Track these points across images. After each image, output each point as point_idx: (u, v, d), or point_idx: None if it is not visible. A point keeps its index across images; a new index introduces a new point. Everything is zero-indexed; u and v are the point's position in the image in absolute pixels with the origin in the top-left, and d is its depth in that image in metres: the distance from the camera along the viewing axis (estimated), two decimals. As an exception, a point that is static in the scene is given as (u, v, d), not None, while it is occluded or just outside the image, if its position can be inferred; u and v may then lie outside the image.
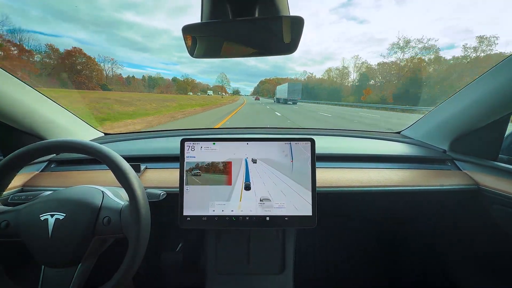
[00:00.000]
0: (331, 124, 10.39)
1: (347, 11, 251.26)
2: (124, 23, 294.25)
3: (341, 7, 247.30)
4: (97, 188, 0.63)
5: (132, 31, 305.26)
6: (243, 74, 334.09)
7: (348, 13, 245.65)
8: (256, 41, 0.66)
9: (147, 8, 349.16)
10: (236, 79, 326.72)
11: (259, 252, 0.97)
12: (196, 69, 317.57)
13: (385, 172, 0.92)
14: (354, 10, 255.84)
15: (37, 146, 0.57)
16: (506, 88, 0.75)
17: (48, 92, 0.94)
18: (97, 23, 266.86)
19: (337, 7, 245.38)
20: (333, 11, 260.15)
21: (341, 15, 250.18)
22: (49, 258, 0.54)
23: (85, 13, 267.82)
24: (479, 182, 0.88)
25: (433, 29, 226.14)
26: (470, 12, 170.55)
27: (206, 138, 0.74)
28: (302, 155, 0.73)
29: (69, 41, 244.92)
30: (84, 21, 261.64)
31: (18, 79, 0.82)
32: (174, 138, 1.24)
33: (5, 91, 0.77)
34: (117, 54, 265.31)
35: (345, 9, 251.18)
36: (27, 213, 0.56)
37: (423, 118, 1.17)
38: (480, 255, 1.01)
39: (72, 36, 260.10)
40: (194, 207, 0.71)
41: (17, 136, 0.89)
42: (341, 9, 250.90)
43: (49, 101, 0.96)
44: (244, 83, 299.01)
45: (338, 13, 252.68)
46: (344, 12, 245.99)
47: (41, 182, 0.87)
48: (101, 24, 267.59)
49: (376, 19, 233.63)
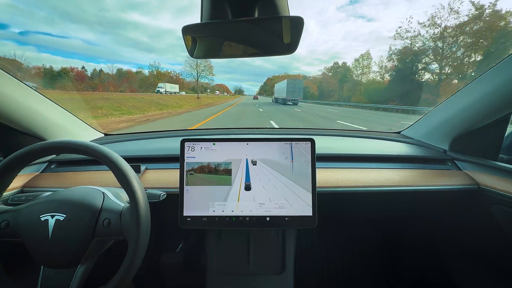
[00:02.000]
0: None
1: (355, 8, 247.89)
2: (130, 23, 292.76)
3: (349, 5, 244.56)
4: (97, 189, 0.63)
5: (138, 31, 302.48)
6: (249, 74, 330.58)
7: (355, 11, 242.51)
8: (256, 41, 0.66)
9: (151, 8, 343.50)
10: (243, 79, 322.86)
11: (259, 252, 0.97)
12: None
13: (385, 172, 0.92)
14: (362, 7, 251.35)
15: (37, 147, 0.57)
16: (506, 88, 0.74)
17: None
18: (103, 23, 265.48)
19: (345, 4, 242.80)
20: (340, 9, 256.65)
21: (348, 13, 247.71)
22: (48, 259, 0.54)
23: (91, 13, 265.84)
24: (479, 182, 0.88)
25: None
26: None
27: (206, 139, 0.74)
28: (302, 155, 0.73)
29: (77, 42, 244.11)
30: (91, 22, 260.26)
31: (18, 80, 0.82)
32: (174, 139, 1.24)
33: (5, 92, 0.77)
34: (124, 55, 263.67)
35: (353, 6, 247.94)
36: (27, 213, 0.55)
37: (423, 118, 1.17)
38: (480, 254, 1.01)
39: (80, 37, 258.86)
40: (194, 208, 0.71)
41: (17, 137, 0.89)
42: (348, 7, 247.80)
43: (49, 102, 0.96)
44: (251, 83, 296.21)
45: (346, 11, 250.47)
46: (352, 10, 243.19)
47: (41, 183, 0.87)
48: (107, 24, 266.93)
49: (385, 17, 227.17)
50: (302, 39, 0.60)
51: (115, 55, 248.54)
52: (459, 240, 1.09)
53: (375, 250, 1.38)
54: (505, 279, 0.91)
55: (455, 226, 1.09)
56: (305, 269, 1.33)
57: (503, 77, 0.75)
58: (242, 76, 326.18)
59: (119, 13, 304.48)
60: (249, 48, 0.67)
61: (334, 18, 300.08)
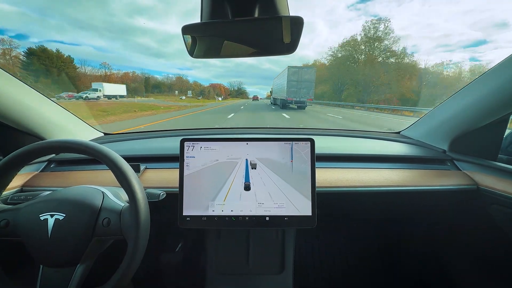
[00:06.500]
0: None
1: (366, 7, 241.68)
2: (138, 28, 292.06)
3: (360, 3, 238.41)
4: (97, 189, 0.63)
5: (147, 36, 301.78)
6: (258, 78, 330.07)
7: (367, 9, 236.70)
8: (256, 41, 0.66)
9: (158, 13, 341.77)
10: (251, 82, 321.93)
11: (258, 252, 0.97)
12: (210, 73, 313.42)
13: (384, 172, 0.92)
14: (374, 6, 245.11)
15: (37, 146, 0.57)
16: (506, 88, 0.75)
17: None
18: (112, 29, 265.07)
19: (355, 2, 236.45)
20: (351, 7, 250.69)
21: (360, 12, 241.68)
22: (47, 258, 0.54)
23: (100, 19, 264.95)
24: (478, 182, 0.88)
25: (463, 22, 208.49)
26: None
27: (206, 138, 0.74)
28: (301, 155, 0.73)
29: (89, 49, 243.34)
30: (100, 28, 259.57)
31: (18, 79, 0.82)
32: (173, 138, 1.24)
33: (5, 91, 0.77)
34: (134, 60, 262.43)
35: (364, 5, 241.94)
36: (27, 213, 0.55)
37: (423, 118, 1.17)
38: (479, 255, 1.01)
39: (91, 44, 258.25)
40: (194, 207, 0.71)
41: (17, 136, 0.89)
42: (360, 5, 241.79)
43: (49, 101, 0.96)
44: (259, 87, 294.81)
45: (357, 9, 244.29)
46: (363, 9, 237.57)
47: (40, 182, 0.87)
48: (116, 30, 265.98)
49: (398, 15, 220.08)
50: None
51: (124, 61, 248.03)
52: (458, 240, 1.09)
53: (375, 250, 1.38)
54: (504, 279, 0.92)
55: (454, 226, 1.09)
56: (304, 269, 1.33)
57: (502, 77, 0.75)
58: (250, 80, 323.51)
59: (126, 18, 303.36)
60: (249, 48, 0.67)
61: (345, 17, 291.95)
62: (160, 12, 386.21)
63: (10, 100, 0.79)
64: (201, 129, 1.40)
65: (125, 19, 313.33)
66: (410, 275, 1.29)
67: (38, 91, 0.90)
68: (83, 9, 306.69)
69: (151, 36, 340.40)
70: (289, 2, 0.58)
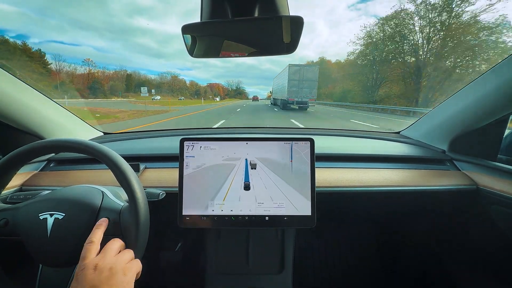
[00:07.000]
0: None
1: (366, 7, 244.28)
2: (137, 28, 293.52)
3: (360, 3, 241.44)
4: (97, 188, 0.63)
5: (146, 36, 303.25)
6: (258, 78, 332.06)
7: (367, 9, 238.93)
8: (256, 41, 0.66)
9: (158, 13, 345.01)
10: (252, 83, 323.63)
11: (258, 252, 0.97)
12: (210, 74, 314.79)
13: (384, 172, 0.92)
14: (374, 5, 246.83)
15: (36, 145, 0.56)
16: (506, 88, 0.75)
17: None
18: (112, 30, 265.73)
19: (356, 2, 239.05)
20: (352, 7, 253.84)
21: (360, 12, 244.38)
22: (47, 258, 0.54)
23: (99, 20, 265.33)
24: (478, 182, 0.88)
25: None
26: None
27: (206, 138, 0.74)
28: (301, 155, 0.73)
29: (89, 50, 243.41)
30: (100, 28, 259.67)
31: (17, 78, 0.82)
32: (173, 138, 1.24)
33: (4, 90, 0.77)
34: (134, 61, 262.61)
35: (364, 4, 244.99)
36: (26, 212, 0.55)
37: (423, 118, 1.17)
38: (479, 255, 1.01)
39: (91, 45, 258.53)
40: (194, 207, 0.71)
41: (16, 136, 0.88)
42: (360, 5, 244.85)
43: (48, 100, 0.96)
44: (260, 87, 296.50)
45: (357, 9, 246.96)
46: (364, 8, 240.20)
47: (40, 181, 0.87)
48: (116, 31, 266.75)
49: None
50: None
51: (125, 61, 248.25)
52: (458, 240, 1.09)
53: (374, 249, 1.38)
54: (504, 279, 0.92)
55: (453, 226, 1.09)
56: (304, 268, 1.33)
57: (502, 77, 0.75)
58: (250, 80, 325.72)
59: (126, 18, 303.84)
60: (248, 47, 0.67)
61: (345, 17, 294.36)
62: (160, 12, 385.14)
63: (10, 99, 0.79)
64: (201, 129, 1.40)
65: (125, 19, 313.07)
66: (409, 275, 1.29)
67: (38, 91, 0.90)
68: (83, 9, 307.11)
69: (151, 36, 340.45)
70: (289, 2, 0.58)
